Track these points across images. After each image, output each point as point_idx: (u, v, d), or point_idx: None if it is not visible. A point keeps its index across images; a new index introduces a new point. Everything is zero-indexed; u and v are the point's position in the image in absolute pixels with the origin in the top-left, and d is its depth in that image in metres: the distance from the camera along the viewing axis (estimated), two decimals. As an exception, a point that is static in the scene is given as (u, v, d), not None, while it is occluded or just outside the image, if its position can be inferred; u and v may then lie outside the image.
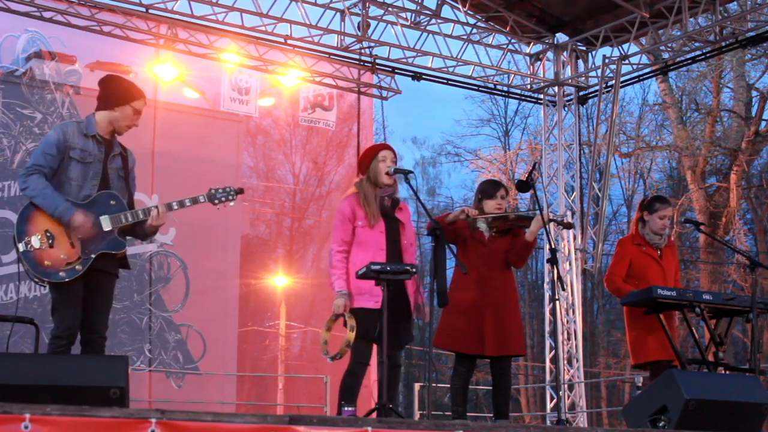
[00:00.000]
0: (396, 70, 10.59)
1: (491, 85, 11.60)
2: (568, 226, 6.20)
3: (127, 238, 4.74)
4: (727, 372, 5.84)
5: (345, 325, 5.01)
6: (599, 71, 10.83)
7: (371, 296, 5.03)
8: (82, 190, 4.55)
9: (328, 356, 5.04)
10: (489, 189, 5.76)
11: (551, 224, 6.06)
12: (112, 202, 4.59)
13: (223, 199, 4.84)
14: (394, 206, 5.33)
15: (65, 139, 4.55)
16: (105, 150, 4.66)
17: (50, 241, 4.43)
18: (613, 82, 10.54)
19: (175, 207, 4.72)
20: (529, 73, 11.33)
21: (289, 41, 9.85)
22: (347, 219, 5.21)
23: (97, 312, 4.60)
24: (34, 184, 4.47)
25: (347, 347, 4.94)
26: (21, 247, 4.42)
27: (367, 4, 10.09)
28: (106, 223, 4.54)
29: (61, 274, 4.42)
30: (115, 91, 4.72)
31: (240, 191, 4.95)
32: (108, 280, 4.67)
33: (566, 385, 10.53)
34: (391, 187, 5.32)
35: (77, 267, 4.46)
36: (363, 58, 10.34)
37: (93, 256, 4.49)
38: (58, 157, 4.53)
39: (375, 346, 5.11)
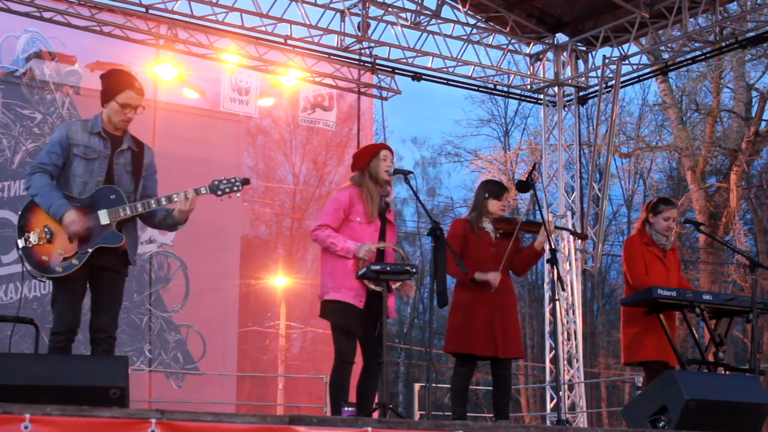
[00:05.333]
0: (396, 71, 10.59)
1: (491, 86, 11.60)
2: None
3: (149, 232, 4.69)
4: (727, 372, 5.84)
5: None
6: (599, 71, 10.83)
7: (357, 294, 5.00)
8: (87, 187, 4.53)
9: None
10: (497, 190, 5.79)
11: (564, 233, 6.02)
12: (112, 196, 4.53)
13: (227, 190, 4.67)
14: (385, 207, 5.31)
15: (68, 137, 4.54)
16: (111, 146, 4.61)
17: (48, 237, 4.42)
18: (613, 82, 10.53)
19: (191, 195, 4.58)
20: (529, 73, 11.33)
21: (289, 41, 9.85)
22: (342, 208, 5.11)
23: (104, 312, 4.55)
24: (36, 182, 4.47)
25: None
26: (20, 243, 4.44)
27: (367, 4, 10.09)
28: (104, 218, 4.49)
29: (57, 268, 4.41)
30: (103, 88, 4.68)
31: (246, 181, 4.77)
32: (114, 278, 4.61)
33: (566, 386, 10.52)
34: (388, 187, 5.31)
35: (74, 261, 4.43)
36: (363, 58, 10.34)
37: (90, 250, 4.45)
38: (62, 155, 4.52)
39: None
